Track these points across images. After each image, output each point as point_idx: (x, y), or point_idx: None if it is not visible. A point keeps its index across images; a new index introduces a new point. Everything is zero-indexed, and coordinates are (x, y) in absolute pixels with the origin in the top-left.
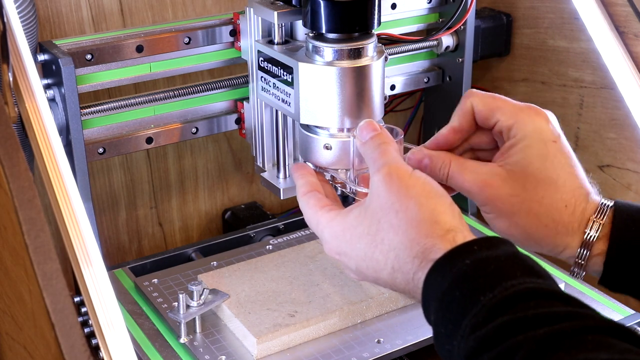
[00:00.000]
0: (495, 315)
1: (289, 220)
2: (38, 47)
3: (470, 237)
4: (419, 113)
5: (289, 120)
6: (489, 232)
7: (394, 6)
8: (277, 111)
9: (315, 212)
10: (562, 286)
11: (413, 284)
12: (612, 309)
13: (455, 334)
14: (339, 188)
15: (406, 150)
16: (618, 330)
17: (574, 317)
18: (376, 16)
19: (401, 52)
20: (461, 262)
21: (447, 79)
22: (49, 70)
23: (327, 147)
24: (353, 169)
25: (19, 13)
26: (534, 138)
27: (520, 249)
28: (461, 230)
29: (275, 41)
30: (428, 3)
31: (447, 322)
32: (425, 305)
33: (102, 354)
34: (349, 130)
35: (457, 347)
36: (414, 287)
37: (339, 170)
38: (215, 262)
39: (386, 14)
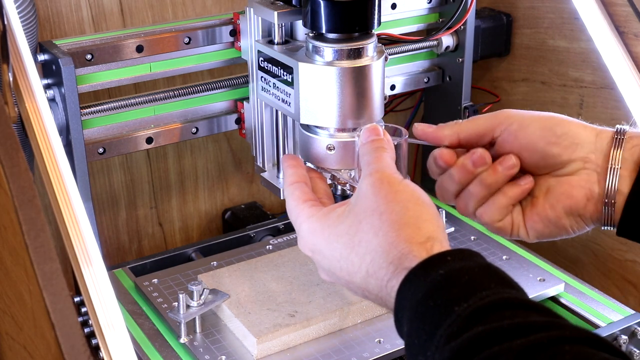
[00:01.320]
0: (470, 325)
1: (289, 220)
2: (38, 47)
3: (446, 248)
4: (419, 113)
5: (289, 120)
6: (488, 232)
7: (394, 6)
8: (277, 111)
9: (297, 204)
10: (562, 286)
11: (386, 291)
12: (612, 308)
13: (429, 345)
14: (340, 188)
15: (411, 146)
16: (595, 341)
17: (550, 327)
18: (376, 16)
19: (401, 52)
20: (435, 272)
21: (447, 79)
22: (49, 70)
23: (330, 148)
24: (357, 170)
25: (19, 13)
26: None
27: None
28: (440, 240)
29: (275, 41)
30: (428, 3)
31: (421, 333)
32: (397, 315)
33: (102, 354)
34: (350, 130)
35: (432, 358)
36: (386, 295)
37: (342, 171)
38: (215, 262)
39: (386, 14)
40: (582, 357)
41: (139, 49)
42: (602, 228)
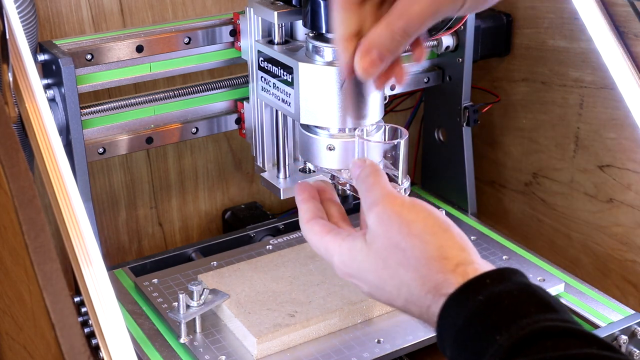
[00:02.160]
0: (512, 356)
1: (289, 220)
2: (38, 47)
3: (481, 267)
4: (419, 113)
5: (289, 120)
6: (488, 232)
7: None
8: (277, 111)
9: (322, 238)
10: (562, 286)
11: (428, 316)
12: (612, 308)
13: None
14: (340, 188)
15: (411, 146)
16: None
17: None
18: None
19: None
20: (474, 297)
21: (447, 79)
22: (49, 70)
23: (330, 148)
24: None
25: (19, 13)
26: None
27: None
28: (471, 262)
29: (275, 41)
30: None
31: None
32: (440, 339)
33: (102, 354)
34: (350, 130)
35: None
36: (428, 319)
37: (342, 171)
38: (215, 262)
39: None
40: None
41: (139, 49)
42: None
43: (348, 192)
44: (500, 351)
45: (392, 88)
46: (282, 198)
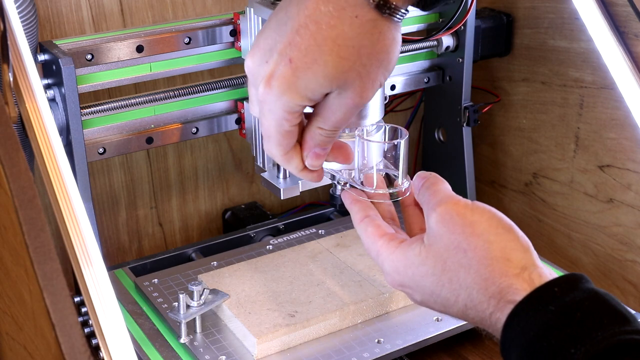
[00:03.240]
0: None
1: (289, 220)
2: (38, 47)
3: (545, 274)
4: (419, 113)
5: None
6: None
7: None
8: None
9: (374, 241)
10: None
11: (490, 322)
12: None
13: None
14: (340, 188)
15: (411, 146)
16: None
17: None
18: None
19: (401, 52)
20: (544, 308)
21: (447, 79)
22: (49, 70)
23: None
24: (358, 170)
25: (19, 13)
26: None
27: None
28: (535, 267)
29: None
30: None
31: None
32: (505, 347)
33: (102, 354)
34: (350, 130)
35: None
36: (490, 326)
37: (342, 171)
38: (215, 262)
39: None
40: None
41: (139, 49)
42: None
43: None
44: None
45: (392, 88)
46: (282, 198)
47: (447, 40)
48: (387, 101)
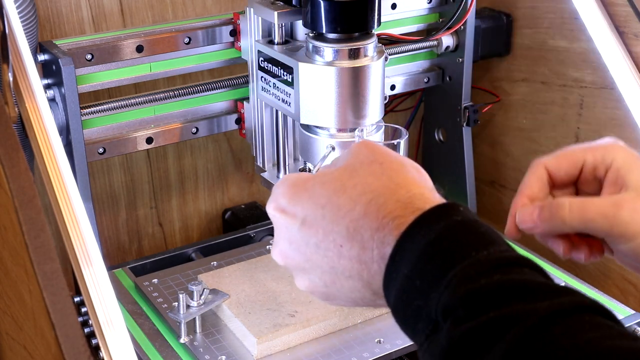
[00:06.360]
0: (489, 272)
1: None
2: (38, 47)
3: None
4: (419, 113)
5: (289, 120)
6: None
7: (394, 6)
8: (277, 111)
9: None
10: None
11: (381, 234)
12: (612, 308)
13: (436, 286)
14: None
15: (410, 146)
16: (608, 313)
17: (569, 293)
18: (376, 16)
19: (401, 52)
20: (450, 218)
21: (447, 79)
22: (49, 70)
23: (332, 148)
24: None
25: (19, 13)
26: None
27: None
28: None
29: (276, 41)
30: (428, 3)
31: (427, 274)
32: (394, 258)
33: (102, 354)
34: (350, 130)
35: (436, 299)
36: (378, 240)
37: None
38: (215, 262)
39: (386, 14)
40: (600, 328)
41: (139, 49)
42: None
43: None
44: (477, 265)
45: (392, 88)
46: None
47: (447, 40)
48: (387, 101)
